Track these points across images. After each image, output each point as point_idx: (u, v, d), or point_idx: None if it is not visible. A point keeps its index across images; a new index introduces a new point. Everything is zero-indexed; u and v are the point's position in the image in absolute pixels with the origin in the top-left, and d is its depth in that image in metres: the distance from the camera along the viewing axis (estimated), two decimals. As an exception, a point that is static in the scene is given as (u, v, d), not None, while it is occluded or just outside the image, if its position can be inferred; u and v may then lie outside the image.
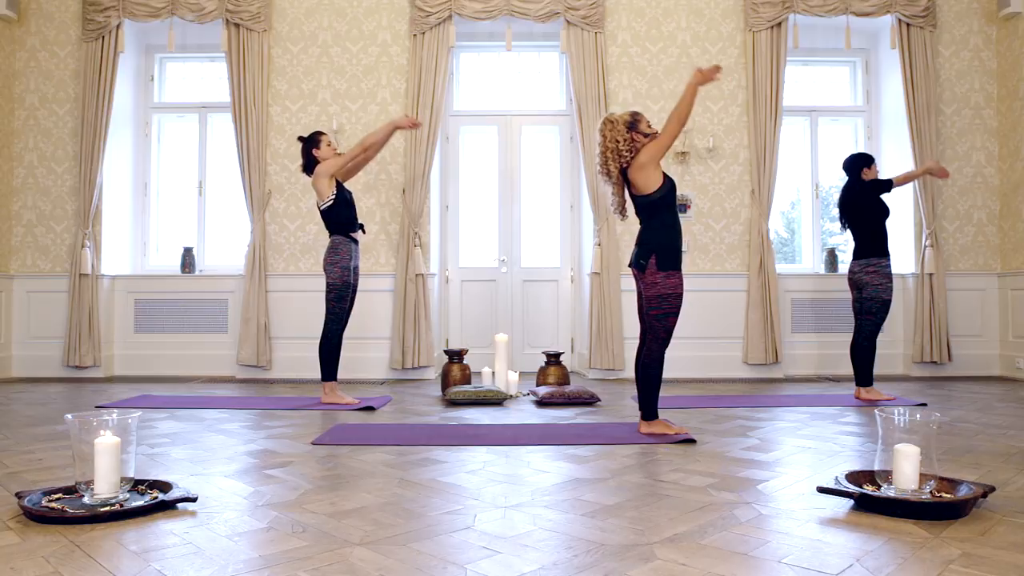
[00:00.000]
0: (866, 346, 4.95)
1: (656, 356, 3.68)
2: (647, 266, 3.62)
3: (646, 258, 3.63)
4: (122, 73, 6.49)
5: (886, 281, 4.89)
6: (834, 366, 6.42)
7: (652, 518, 2.33)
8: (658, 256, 3.61)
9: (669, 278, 3.61)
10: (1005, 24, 6.47)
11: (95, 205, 6.32)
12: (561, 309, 6.93)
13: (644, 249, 3.66)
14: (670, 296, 3.61)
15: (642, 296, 3.72)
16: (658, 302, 3.62)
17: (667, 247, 3.63)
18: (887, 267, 4.92)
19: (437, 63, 6.32)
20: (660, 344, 3.67)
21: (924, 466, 2.41)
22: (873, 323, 4.93)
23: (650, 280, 3.62)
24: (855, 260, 5.01)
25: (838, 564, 1.93)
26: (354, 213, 4.87)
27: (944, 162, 6.51)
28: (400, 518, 2.34)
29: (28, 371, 6.40)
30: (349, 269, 4.76)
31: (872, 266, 4.90)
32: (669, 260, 3.62)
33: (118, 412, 2.50)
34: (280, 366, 6.37)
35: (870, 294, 4.89)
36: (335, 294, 4.72)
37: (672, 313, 3.63)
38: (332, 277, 4.72)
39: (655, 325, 3.66)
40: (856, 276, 4.98)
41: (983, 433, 3.78)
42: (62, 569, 1.89)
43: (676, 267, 3.64)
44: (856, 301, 5.03)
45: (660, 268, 3.60)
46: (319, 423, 4.15)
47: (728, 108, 6.53)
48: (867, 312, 4.93)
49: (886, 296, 4.89)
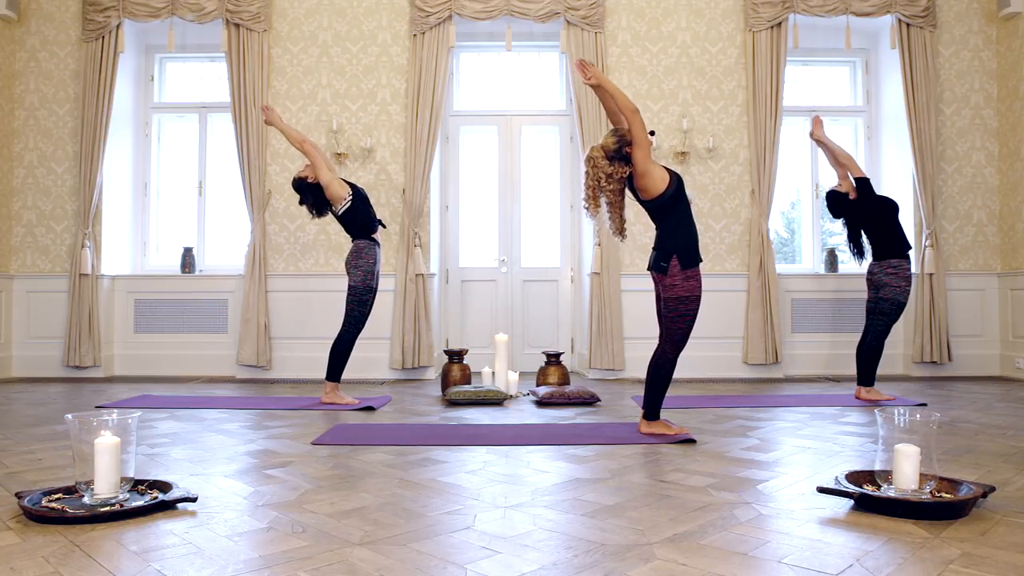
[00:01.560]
0: (875, 346, 4.94)
1: (670, 358, 3.69)
2: (668, 268, 3.62)
3: (667, 260, 3.62)
4: (122, 73, 6.49)
5: (904, 284, 4.87)
6: (834, 366, 6.42)
7: (652, 518, 2.33)
8: (680, 257, 3.61)
9: (688, 280, 3.60)
10: (1005, 24, 6.47)
11: (95, 205, 6.32)
12: (561, 309, 6.93)
13: (664, 252, 3.65)
14: (688, 299, 3.61)
15: (660, 299, 3.73)
16: (675, 304, 3.62)
17: (687, 246, 3.65)
18: (907, 269, 4.90)
19: (437, 63, 6.32)
20: (675, 347, 3.68)
21: (924, 466, 2.41)
22: (885, 324, 4.91)
23: (670, 282, 3.62)
24: (874, 261, 4.98)
25: (838, 564, 1.93)
26: (373, 210, 4.87)
27: (944, 162, 6.52)
28: (400, 518, 2.34)
29: (28, 371, 6.40)
30: (372, 273, 4.76)
31: (892, 267, 4.88)
32: (691, 258, 3.63)
33: (118, 412, 2.50)
34: (280, 366, 6.37)
35: (888, 295, 4.87)
36: (357, 298, 4.72)
37: (690, 316, 3.63)
38: (355, 280, 4.71)
39: (671, 328, 3.66)
40: (875, 276, 4.94)
41: (983, 433, 3.78)
42: (62, 569, 1.89)
43: (696, 263, 3.64)
44: (871, 300, 4.99)
45: (684, 267, 3.60)
46: (319, 423, 4.15)
47: (728, 108, 6.53)
48: (881, 312, 4.91)
49: (902, 299, 4.87)
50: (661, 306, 3.72)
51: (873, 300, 4.97)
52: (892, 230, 4.93)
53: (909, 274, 4.91)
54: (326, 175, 4.68)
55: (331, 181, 4.69)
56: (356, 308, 4.73)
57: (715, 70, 6.54)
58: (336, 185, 4.70)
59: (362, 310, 4.74)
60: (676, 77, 6.52)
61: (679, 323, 3.64)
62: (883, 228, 4.93)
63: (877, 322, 4.93)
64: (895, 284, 4.86)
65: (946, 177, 6.53)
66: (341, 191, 4.70)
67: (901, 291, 4.87)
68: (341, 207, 4.72)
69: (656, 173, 3.63)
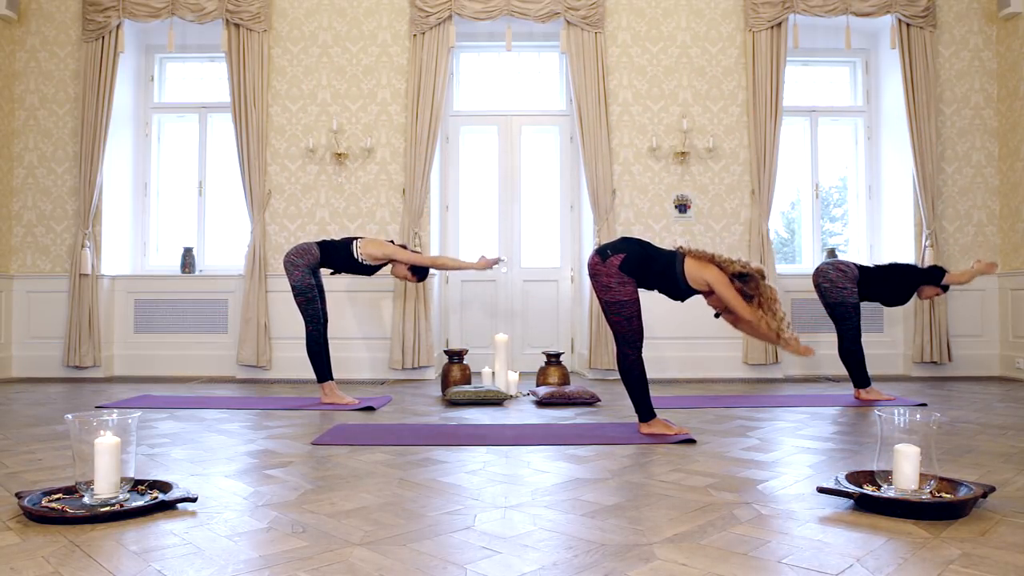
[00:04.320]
0: (853, 349, 4.90)
1: (632, 358, 3.67)
2: (610, 258, 3.61)
3: (615, 253, 3.63)
4: (122, 73, 6.49)
5: (851, 286, 4.86)
6: (834, 366, 6.40)
7: (652, 518, 2.33)
8: (627, 260, 3.60)
9: (624, 285, 3.59)
10: (1005, 24, 6.47)
11: (95, 205, 6.32)
12: (561, 309, 6.93)
13: (615, 248, 3.67)
14: (626, 303, 3.61)
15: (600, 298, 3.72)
16: (616, 308, 3.62)
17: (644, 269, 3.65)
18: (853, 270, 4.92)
19: (437, 63, 6.32)
20: (629, 344, 3.66)
21: (924, 466, 2.41)
22: (850, 326, 4.89)
23: (606, 281, 3.61)
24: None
25: (838, 564, 1.93)
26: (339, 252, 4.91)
27: (944, 162, 6.52)
28: (400, 518, 2.34)
29: (28, 371, 6.40)
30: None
31: (840, 270, 4.92)
32: (633, 271, 3.61)
33: (118, 412, 2.50)
34: (280, 366, 6.37)
35: (836, 298, 4.88)
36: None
37: (629, 317, 3.62)
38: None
39: (615, 329, 3.68)
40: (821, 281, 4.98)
41: (983, 433, 3.78)
42: (62, 569, 1.89)
43: (634, 280, 3.61)
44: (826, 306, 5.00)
45: (622, 268, 3.59)
46: (319, 423, 4.15)
47: (728, 108, 6.53)
48: (841, 317, 4.90)
49: (853, 300, 4.86)
50: (604, 308, 3.69)
51: (827, 306, 4.96)
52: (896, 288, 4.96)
53: (854, 275, 4.89)
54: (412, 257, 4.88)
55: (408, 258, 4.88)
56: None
57: (715, 70, 6.54)
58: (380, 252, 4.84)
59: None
60: (676, 77, 6.52)
61: (623, 324, 3.63)
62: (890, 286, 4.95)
63: (842, 326, 4.91)
64: (843, 286, 4.84)
65: (946, 177, 6.53)
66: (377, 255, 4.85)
67: (850, 293, 4.85)
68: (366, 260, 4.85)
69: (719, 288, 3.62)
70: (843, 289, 4.84)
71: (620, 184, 6.45)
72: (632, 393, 3.72)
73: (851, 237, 7.16)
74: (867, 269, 4.97)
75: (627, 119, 6.50)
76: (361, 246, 4.80)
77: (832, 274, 4.89)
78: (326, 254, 4.81)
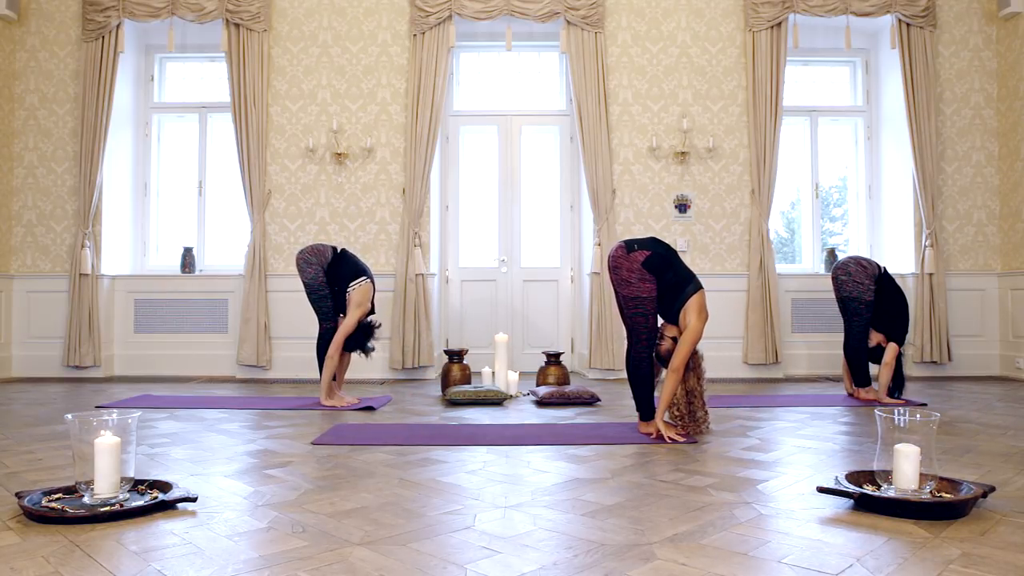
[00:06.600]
0: (859, 347, 4.92)
1: (644, 356, 3.71)
2: (636, 251, 3.65)
3: (640, 249, 3.67)
4: (122, 73, 6.49)
5: (868, 282, 4.86)
6: (834, 366, 6.41)
7: (652, 518, 2.33)
8: (651, 257, 3.64)
9: (644, 281, 3.63)
10: (1005, 24, 6.47)
11: (95, 205, 6.32)
12: (561, 309, 6.93)
13: (642, 243, 3.71)
14: (644, 300, 3.65)
15: (618, 294, 3.74)
16: (634, 303, 3.66)
17: (668, 272, 3.71)
18: (873, 268, 4.93)
19: (437, 63, 6.32)
20: (640, 340, 3.70)
21: (924, 466, 2.41)
22: (860, 323, 4.90)
23: (627, 276, 3.64)
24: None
25: (838, 564, 1.93)
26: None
27: (944, 162, 6.52)
28: (400, 518, 2.34)
29: (28, 371, 6.40)
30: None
31: (861, 264, 4.93)
32: (655, 268, 3.65)
33: (118, 412, 2.50)
34: (280, 366, 6.37)
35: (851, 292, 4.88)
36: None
37: (645, 312, 3.66)
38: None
39: (630, 324, 3.71)
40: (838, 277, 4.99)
41: (983, 433, 3.78)
42: (62, 569, 1.89)
43: (655, 275, 3.65)
44: (839, 300, 5.01)
45: (645, 266, 3.62)
46: (319, 423, 4.15)
47: (728, 108, 6.53)
48: (853, 312, 4.91)
49: (868, 296, 4.86)
50: (620, 302, 3.73)
51: (840, 300, 4.96)
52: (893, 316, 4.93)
53: (874, 272, 4.89)
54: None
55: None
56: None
57: (715, 70, 6.54)
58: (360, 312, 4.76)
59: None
60: (676, 77, 6.52)
61: (639, 320, 3.66)
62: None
63: (852, 322, 4.92)
64: (860, 281, 4.84)
65: (946, 177, 6.53)
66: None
67: (866, 289, 4.84)
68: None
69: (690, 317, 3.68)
70: (860, 284, 4.84)
71: (620, 184, 6.45)
72: (636, 390, 3.73)
73: (851, 237, 7.16)
74: (890, 278, 4.92)
75: (627, 119, 6.50)
76: (357, 285, 4.73)
77: (852, 267, 4.89)
78: (336, 263, 4.78)
